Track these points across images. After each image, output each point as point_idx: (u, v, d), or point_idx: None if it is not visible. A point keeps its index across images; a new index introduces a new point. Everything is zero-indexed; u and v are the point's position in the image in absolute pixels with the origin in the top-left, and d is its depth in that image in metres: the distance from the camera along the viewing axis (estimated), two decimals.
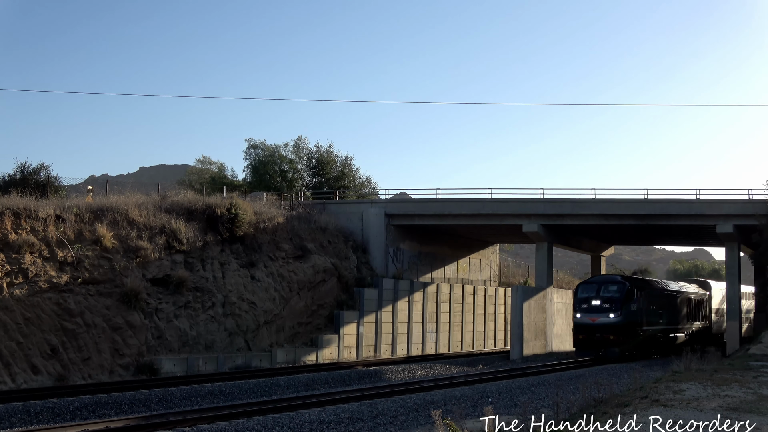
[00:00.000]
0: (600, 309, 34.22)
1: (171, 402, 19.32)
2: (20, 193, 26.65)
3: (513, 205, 39.21)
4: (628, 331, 34.21)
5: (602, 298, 34.50)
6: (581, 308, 34.88)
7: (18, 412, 16.69)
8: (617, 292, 34.51)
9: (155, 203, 29.93)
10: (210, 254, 29.79)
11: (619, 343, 33.78)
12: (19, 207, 24.57)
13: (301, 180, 53.97)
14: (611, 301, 34.21)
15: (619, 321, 33.85)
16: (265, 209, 34.27)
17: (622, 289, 34.56)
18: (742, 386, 15.23)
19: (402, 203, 43.80)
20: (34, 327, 22.80)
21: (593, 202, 38.53)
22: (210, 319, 28.45)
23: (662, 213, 37.79)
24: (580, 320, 34.90)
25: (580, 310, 34.96)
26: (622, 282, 35.39)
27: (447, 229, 42.32)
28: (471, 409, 16.61)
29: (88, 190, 34.28)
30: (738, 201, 37.09)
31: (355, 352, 34.77)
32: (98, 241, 25.92)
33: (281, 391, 22.43)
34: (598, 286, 35.37)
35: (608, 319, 33.86)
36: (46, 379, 22.31)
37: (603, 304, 34.26)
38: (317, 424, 15.11)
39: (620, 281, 35.58)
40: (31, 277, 23.48)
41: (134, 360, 24.94)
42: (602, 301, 34.37)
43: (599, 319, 34.06)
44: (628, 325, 34.21)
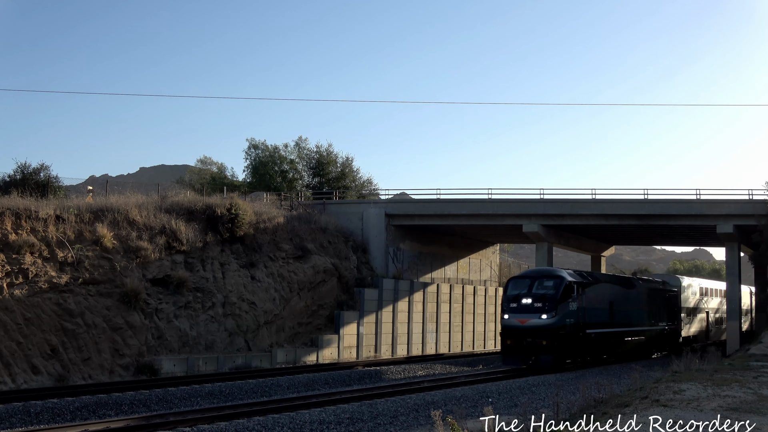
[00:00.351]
0: (531, 309, 28.71)
1: (171, 402, 19.32)
2: (20, 194, 26.65)
3: (513, 205, 39.21)
4: (566, 334, 28.85)
5: (534, 295, 28.98)
6: (510, 308, 29.34)
7: (18, 413, 16.69)
8: (552, 288, 29.02)
9: (155, 203, 29.93)
10: (210, 254, 29.79)
11: (553, 349, 28.21)
12: (19, 207, 24.58)
13: (302, 180, 53.98)
14: (544, 300, 28.68)
15: (552, 323, 28.24)
16: (266, 209, 34.29)
17: (558, 285, 29.02)
18: (743, 386, 15.23)
19: (402, 203, 43.81)
20: (34, 327, 22.80)
21: (593, 202, 38.53)
22: (210, 319, 28.45)
23: (662, 213, 37.79)
24: (508, 322, 29.18)
25: (508, 310, 29.40)
26: (559, 276, 29.74)
27: (447, 229, 42.33)
28: (471, 409, 16.61)
29: (88, 191, 34.29)
30: (738, 201, 37.10)
31: (355, 353, 34.77)
32: (98, 242, 25.93)
33: (281, 391, 22.43)
34: (531, 281, 29.80)
35: (540, 320, 28.30)
36: (46, 379, 22.32)
37: (535, 302, 28.74)
38: (317, 424, 15.11)
39: (557, 275, 29.97)
40: (31, 277, 23.48)
41: (134, 360, 24.94)
42: (534, 300, 28.83)
43: (530, 320, 28.45)
44: (566, 327, 28.89)
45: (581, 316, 29.92)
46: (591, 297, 31.11)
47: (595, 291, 31.91)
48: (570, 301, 29.19)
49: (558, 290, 28.87)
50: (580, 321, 29.82)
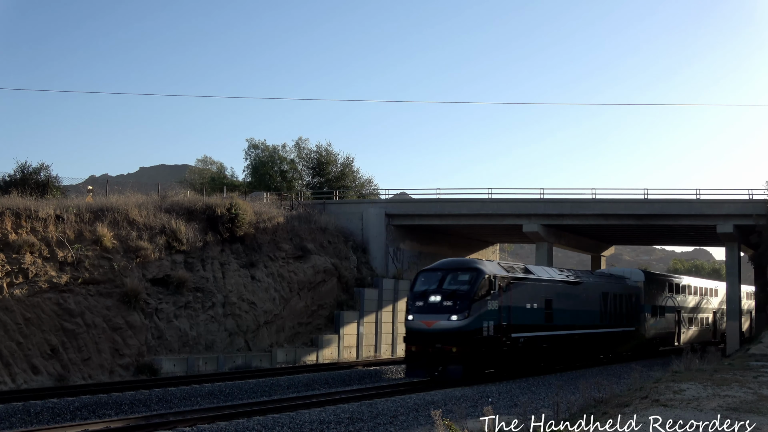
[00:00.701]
0: (440, 308, 23.54)
1: (171, 402, 19.32)
2: (20, 193, 26.65)
3: (513, 205, 39.22)
4: (483, 338, 23.80)
5: (444, 292, 23.81)
6: (416, 307, 24.10)
7: (18, 412, 16.69)
8: (467, 283, 23.89)
9: (155, 203, 29.93)
10: (210, 254, 29.79)
11: (464, 358, 23.09)
12: (19, 207, 24.58)
13: (302, 180, 54.00)
14: (456, 297, 23.52)
15: (464, 325, 23.10)
16: (266, 209, 34.28)
17: (474, 279, 23.89)
18: (743, 386, 15.22)
19: (402, 203, 43.81)
20: (34, 327, 22.80)
21: (593, 202, 38.54)
22: (210, 319, 28.45)
23: (662, 213, 37.79)
24: (412, 324, 23.96)
25: (414, 309, 24.14)
26: (475, 269, 24.48)
27: (447, 229, 42.32)
28: (471, 409, 16.61)
29: (89, 190, 34.31)
30: (738, 201, 37.10)
31: (355, 352, 34.77)
32: (98, 241, 25.92)
33: (281, 391, 22.42)
34: (444, 274, 24.69)
35: (449, 322, 23.15)
36: (46, 379, 22.32)
37: (444, 300, 23.59)
38: (317, 424, 15.11)
39: (473, 267, 24.73)
40: (31, 277, 23.48)
41: (134, 360, 24.94)
42: (444, 297, 23.68)
43: (437, 322, 23.31)
44: (483, 330, 23.79)
45: (505, 317, 24.86)
46: (520, 294, 25.97)
47: (526, 287, 26.64)
48: (489, 299, 24.02)
49: (473, 285, 23.63)
50: (504, 323, 24.72)
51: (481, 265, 25.01)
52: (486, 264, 25.41)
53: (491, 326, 24.17)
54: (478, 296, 23.72)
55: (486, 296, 24.01)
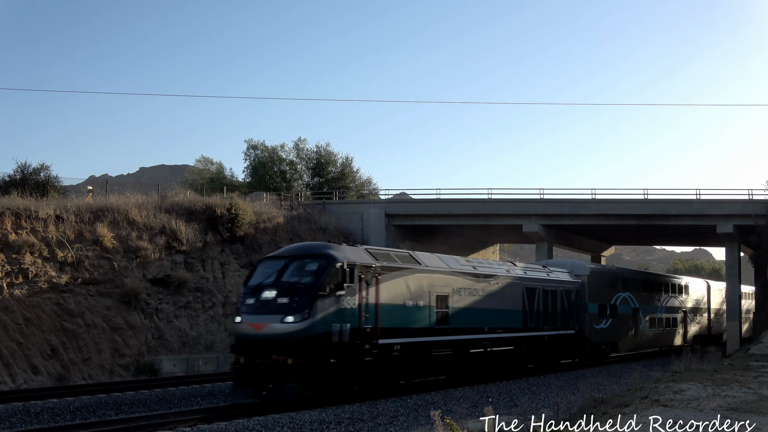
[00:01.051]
0: (274, 307, 17.55)
1: (171, 402, 19.30)
2: (20, 194, 26.66)
3: (513, 205, 39.25)
4: (333, 347, 17.62)
5: (282, 285, 17.84)
6: (246, 305, 18.15)
7: (18, 412, 16.69)
8: (312, 273, 17.99)
9: (155, 203, 29.95)
10: (210, 254, 29.80)
11: (304, 373, 17.08)
12: (19, 207, 24.58)
13: (301, 180, 54.03)
14: (294, 292, 17.52)
15: (302, 329, 17.03)
16: (266, 209, 34.31)
17: (322, 268, 17.95)
18: (743, 386, 15.22)
19: (402, 203, 43.85)
20: (34, 327, 22.81)
21: (593, 202, 38.56)
22: (210, 319, 28.47)
23: (662, 213, 37.82)
24: (240, 328, 18.10)
25: (243, 308, 18.17)
26: (326, 255, 18.41)
27: (447, 229, 42.34)
28: (471, 409, 16.60)
29: (88, 191, 34.32)
30: (738, 201, 37.14)
31: None
32: (98, 242, 25.93)
33: None
34: (287, 262, 18.69)
35: (283, 325, 17.15)
36: (46, 379, 22.32)
37: (280, 296, 17.61)
38: (317, 424, 15.10)
39: (323, 253, 18.57)
40: (31, 277, 23.48)
41: (134, 360, 24.95)
42: (280, 292, 17.66)
43: (269, 325, 17.35)
44: (332, 335, 17.61)
45: (371, 318, 18.79)
46: (396, 288, 19.88)
47: (406, 280, 20.38)
48: (344, 295, 17.92)
49: (320, 277, 17.72)
50: (367, 326, 18.60)
51: (334, 250, 18.72)
52: (344, 249, 19.12)
53: (346, 330, 17.94)
54: (327, 291, 17.55)
55: (338, 290, 17.77)
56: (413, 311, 20.71)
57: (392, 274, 19.94)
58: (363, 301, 18.65)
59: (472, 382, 23.02)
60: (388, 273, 19.76)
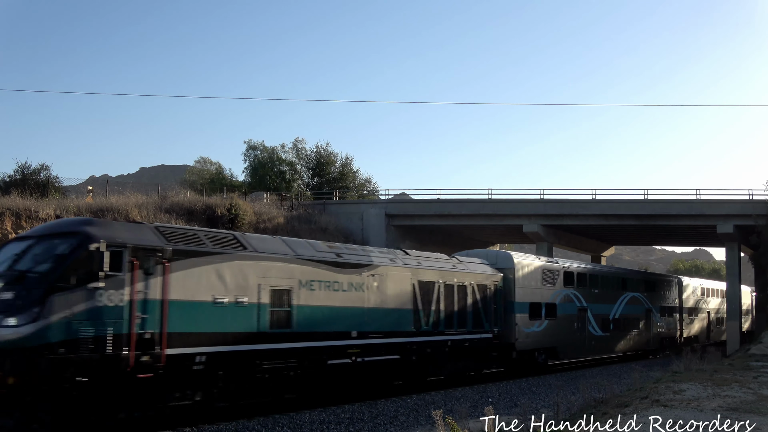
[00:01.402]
0: None
1: None
2: (20, 194, 26.69)
3: (513, 206, 39.27)
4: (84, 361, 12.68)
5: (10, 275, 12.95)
6: None
7: None
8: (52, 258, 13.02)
9: (155, 203, 29.98)
10: None
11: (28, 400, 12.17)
12: (20, 207, 24.60)
13: (301, 180, 54.06)
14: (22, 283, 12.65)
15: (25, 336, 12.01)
16: (266, 210, 34.33)
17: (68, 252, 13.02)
18: (742, 386, 15.23)
19: (402, 204, 43.88)
20: None
21: (593, 202, 38.58)
22: None
23: (662, 213, 37.84)
24: None
25: None
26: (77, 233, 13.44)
27: (447, 229, 42.36)
28: (471, 409, 16.60)
29: (89, 191, 34.36)
30: (738, 201, 37.17)
31: None
32: None
33: None
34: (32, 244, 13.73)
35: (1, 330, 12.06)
36: None
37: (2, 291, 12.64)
38: (317, 424, 15.11)
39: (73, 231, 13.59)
40: None
41: None
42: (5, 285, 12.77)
43: None
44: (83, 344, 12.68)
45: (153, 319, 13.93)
46: (198, 280, 14.96)
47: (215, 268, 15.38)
48: (101, 289, 13.08)
49: (61, 263, 12.85)
50: (143, 331, 13.72)
51: (94, 227, 13.82)
52: (113, 226, 14.48)
53: (106, 337, 13.05)
54: (72, 282, 12.73)
55: (91, 281, 12.96)
56: (230, 311, 15.64)
57: (194, 261, 14.91)
58: (138, 296, 13.66)
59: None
60: (187, 259, 14.76)
